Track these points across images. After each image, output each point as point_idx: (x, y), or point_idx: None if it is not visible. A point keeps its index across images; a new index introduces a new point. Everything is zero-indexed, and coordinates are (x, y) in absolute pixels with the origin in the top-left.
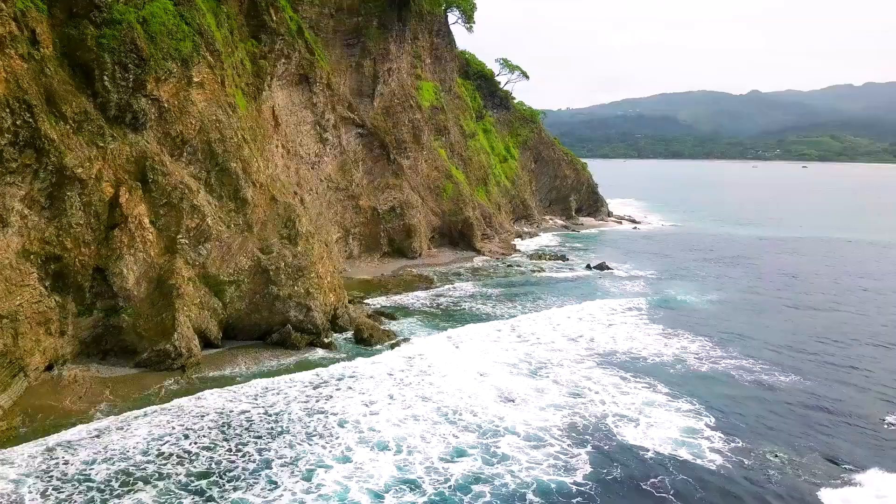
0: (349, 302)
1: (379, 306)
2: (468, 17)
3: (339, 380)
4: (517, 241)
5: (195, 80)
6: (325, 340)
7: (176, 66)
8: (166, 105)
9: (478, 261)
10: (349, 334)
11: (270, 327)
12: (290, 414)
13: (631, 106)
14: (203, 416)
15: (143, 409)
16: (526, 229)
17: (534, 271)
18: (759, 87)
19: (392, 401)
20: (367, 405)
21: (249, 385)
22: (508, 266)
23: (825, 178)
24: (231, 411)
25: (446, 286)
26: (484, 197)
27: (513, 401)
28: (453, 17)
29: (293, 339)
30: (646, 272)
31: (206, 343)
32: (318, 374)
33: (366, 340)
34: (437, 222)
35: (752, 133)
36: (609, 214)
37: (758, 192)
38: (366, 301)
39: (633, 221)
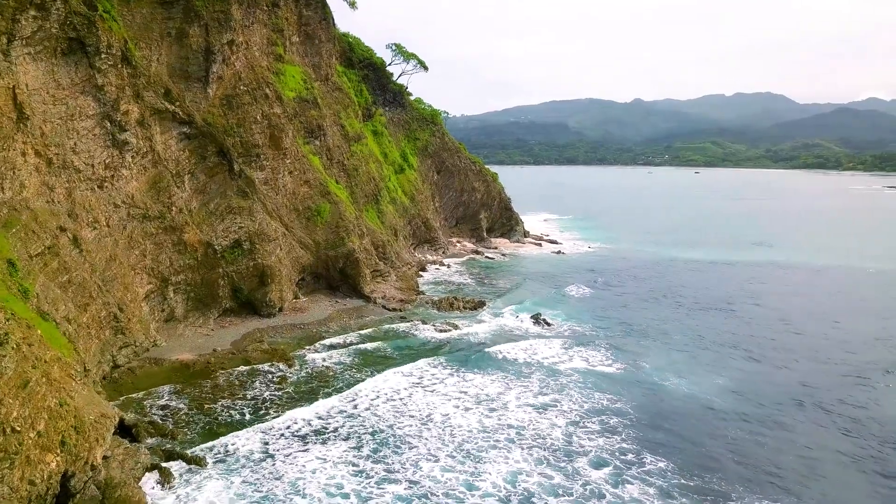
0: (127, 425)
1: (183, 437)
2: None
3: None
4: (421, 276)
5: None
6: None
7: None
8: None
9: (367, 317)
10: None
11: None
12: None
13: (522, 113)
14: None
15: None
16: (430, 257)
17: (444, 331)
18: (641, 95)
19: None
20: None
21: None
22: (409, 323)
23: (722, 183)
24: None
25: (313, 367)
26: (375, 219)
27: None
28: None
29: None
30: (596, 326)
31: None
32: None
33: None
34: (307, 259)
35: (638, 140)
36: (525, 234)
37: (669, 202)
38: (166, 415)
39: (554, 243)
